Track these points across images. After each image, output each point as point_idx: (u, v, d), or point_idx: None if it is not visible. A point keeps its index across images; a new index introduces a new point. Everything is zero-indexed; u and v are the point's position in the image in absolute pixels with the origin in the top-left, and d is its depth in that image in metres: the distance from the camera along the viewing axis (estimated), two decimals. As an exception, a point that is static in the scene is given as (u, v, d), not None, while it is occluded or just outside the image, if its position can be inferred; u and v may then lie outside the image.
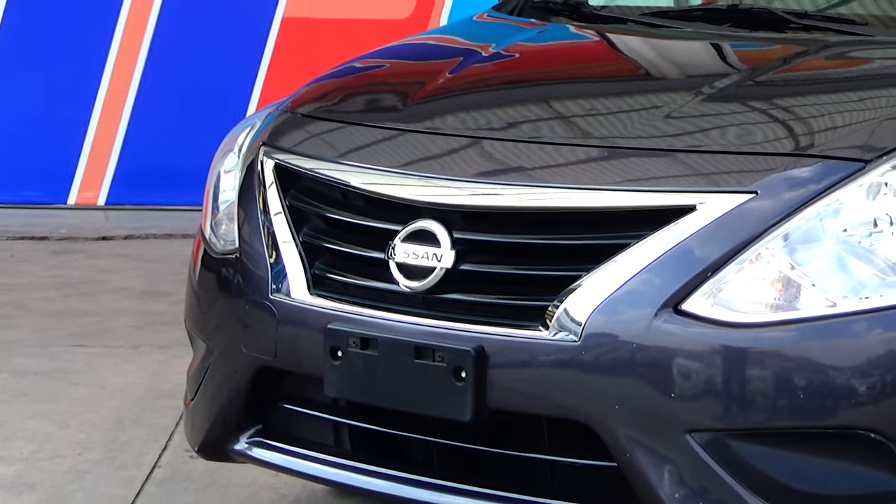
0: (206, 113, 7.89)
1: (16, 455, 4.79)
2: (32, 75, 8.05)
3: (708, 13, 4.75)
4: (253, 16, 8.05)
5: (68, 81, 8.06)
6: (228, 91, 8.04)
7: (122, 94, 8.06)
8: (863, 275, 3.38)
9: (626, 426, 3.37)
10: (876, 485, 3.37)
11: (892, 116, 3.65)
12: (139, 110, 8.07)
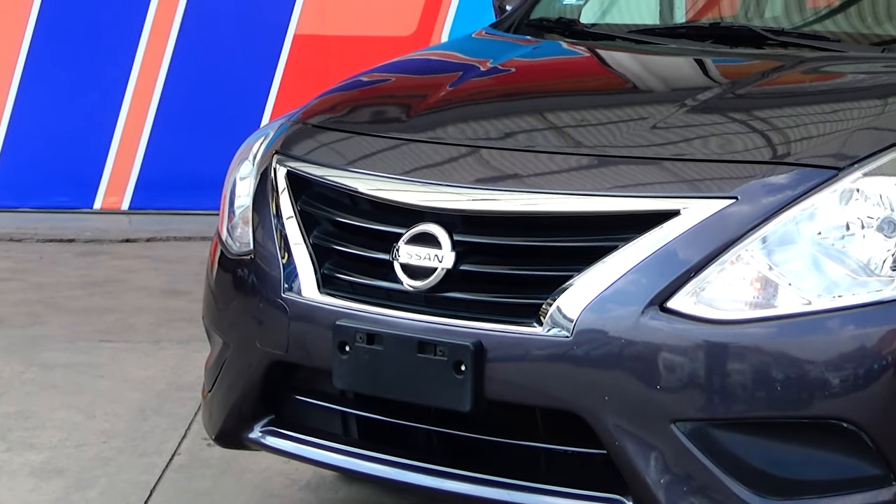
0: (222, 123, 7.89)
1: (45, 443, 4.79)
2: (61, 90, 8.04)
3: (691, 30, 4.74)
4: (267, 33, 8.05)
5: (95, 95, 8.05)
6: (244, 103, 8.04)
7: (144, 106, 8.06)
8: (836, 275, 3.37)
9: (614, 416, 3.37)
10: (848, 471, 3.37)
11: (864, 127, 3.66)
12: (160, 121, 8.07)
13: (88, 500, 4.35)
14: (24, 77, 8.03)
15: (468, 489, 3.55)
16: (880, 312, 3.35)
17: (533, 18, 4.79)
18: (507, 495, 3.51)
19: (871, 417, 3.33)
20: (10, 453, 4.70)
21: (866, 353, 3.33)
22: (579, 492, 3.45)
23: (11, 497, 4.36)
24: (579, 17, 4.83)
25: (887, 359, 3.33)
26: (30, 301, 6.48)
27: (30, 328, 6.08)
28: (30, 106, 8.04)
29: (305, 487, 4.42)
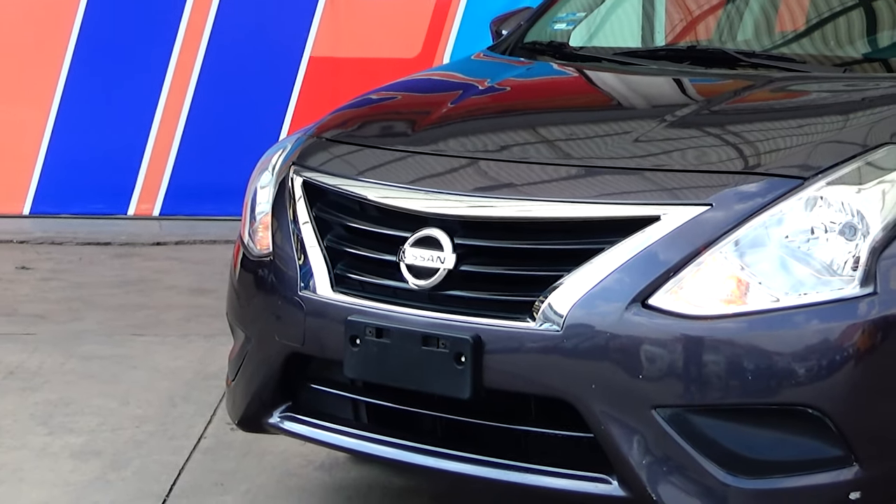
0: (244, 137, 7.89)
1: (84, 427, 4.79)
2: (98, 107, 8.04)
3: (670, 52, 4.74)
4: (285, 55, 8.05)
5: (129, 112, 8.05)
6: (264, 118, 8.04)
7: (173, 121, 8.06)
8: (802, 274, 3.37)
9: (601, 403, 3.36)
10: (813, 452, 3.37)
11: (827, 140, 3.66)
12: (188, 135, 8.07)
13: (123, 479, 4.35)
14: (65, 95, 8.03)
15: (468, 469, 3.56)
16: (842, 309, 3.35)
17: (526, 42, 4.79)
18: (503, 475, 3.51)
19: (833, 404, 3.33)
20: (51, 437, 4.70)
21: (829, 345, 3.33)
22: (569, 472, 3.45)
23: (54, 477, 4.36)
24: (568, 40, 4.83)
25: (848, 351, 3.34)
26: (70, 298, 6.48)
27: (70, 323, 6.08)
28: (70, 122, 8.05)
29: (320, 468, 4.42)
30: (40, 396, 5.10)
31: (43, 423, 4.83)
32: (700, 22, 5.12)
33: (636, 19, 5.26)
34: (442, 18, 8.03)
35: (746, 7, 4.98)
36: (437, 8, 8.02)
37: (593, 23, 4.96)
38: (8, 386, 5.22)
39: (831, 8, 4.73)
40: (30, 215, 8.07)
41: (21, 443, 4.65)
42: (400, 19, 8.02)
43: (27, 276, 6.94)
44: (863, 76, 4.24)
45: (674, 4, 5.22)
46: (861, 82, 4.17)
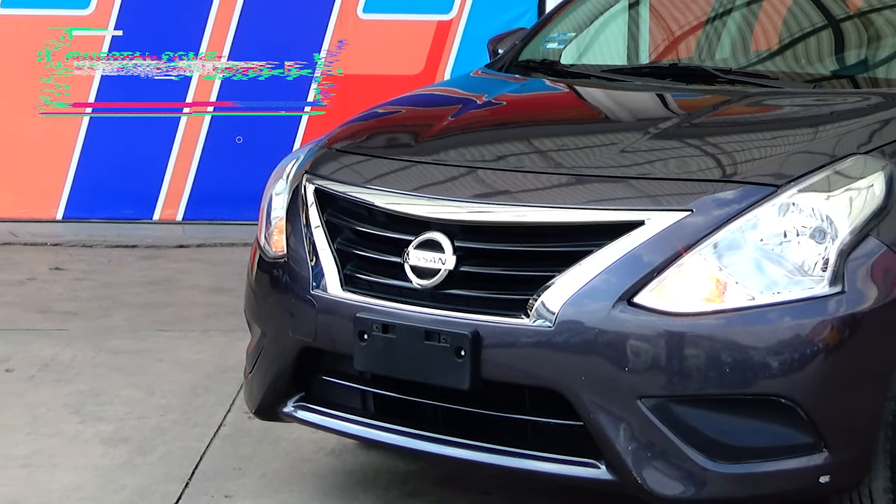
0: (260, 148, 7.89)
1: (112, 416, 4.78)
2: (126, 121, 8.05)
3: (654, 70, 4.74)
4: (297, 73, 8.05)
5: (154, 125, 8.06)
6: (279, 130, 8.04)
7: (195, 134, 8.05)
8: (775, 275, 3.37)
9: (590, 393, 3.36)
10: (786, 439, 3.37)
11: (798, 151, 3.66)
12: (209, 146, 8.06)
13: (149, 463, 4.35)
14: (96, 109, 8.03)
15: (467, 455, 3.55)
16: (812, 306, 3.35)
17: (521, 60, 4.79)
18: (499, 460, 3.52)
19: (804, 394, 3.34)
20: (83, 425, 4.70)
21: (801, 340, 3.33)
22: (560, 457, 3.45)
23: (85, 461, 4.36)
24: (560, 58, 4.83)
25: (818, 345, 3.34)
26: (99, 297, 6.48)
27: (100, 320, 6.08)
28: (99, 134, 8.05)
29: (331, 453, 4.42)
30: (72, 387, 5.10)
31: (75, 412, 4.83)
32: (681, 42, 5.12)
33: (622, 39, 5.26)
34: (443, 38, 8.03)
35: (724, 28, 4.98)
36: (438, 28, 8.03)
37: (582, 42, 4.96)
38: (43, 378, 5.22)
39: (802, 29, 4.73)
40: (63, 220, 8.07)
41: (55, 430, 4.65)
42: (404, 39, 8.02)
43: (60, 276, 6.93)
44: (831, 92, 4.24)
45: (657, 25, 5.22)
46: (829, 97, 4.17)
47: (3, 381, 5.19)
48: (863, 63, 4.46)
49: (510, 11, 7.89)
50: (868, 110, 3.91)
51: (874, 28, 4.65)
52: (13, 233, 7.75)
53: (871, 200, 3.49)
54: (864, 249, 3.42)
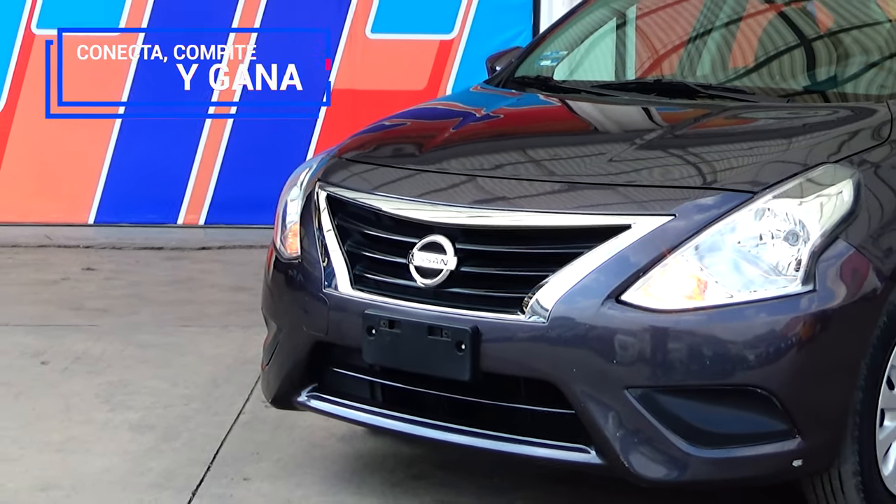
0: (276, 157, 7.89)
1: (139, 405, 4.78)
2: (152, 133, 8.05)
3: (639, 85, 4.74)
4: (310, 89, 8.05)
5: (178, 137, 8.06)
6: (293, 141, 8.04)
7: (216, 145, 8.05)
8: (752, 274, 3.37)
9: (581, 384, 3.36)
10: (762, 427, 3.37)
11: (773, 160, 3.65)
12: (229, 156, 8.06)
13: (174, 449, 4.34)
14: (124, 122, 8.04)
15: (467, 441, 3.55)
16: (786, 304, 3.35)
17: (517, 76, 4.78)
18: (497, 445, 3.52)
19: (779, 385, 3.33)
20: (113, 413, 4.70)
21: (775, 335, 3.33)
22: (553, 443, 3.45)
23: (115, 447, 4.36)
24: (553, 75, 4.83)
25: (792, 339, 3.34)
26: (128, 295, 6.48)
27: (128, 316, 6.08)
28: (128, 144, 8.05)
29: (341, 439, 4.41)
30: (103, 378, 5.10)
31: (105, 402, 4.83)
32: (665, 59, 5.12)
33: (610, 57, 5.26)
34: (445, 56, 8.04)
35: (704, 46, 4.98)
36: (440, 47, 8.03)
37: (574, 60, 4.96)
38: (76, 370, 5.22)
39: (776, 47, 4.73)
40: (94, 224, 8.07)
41: (87, 418, 4.65)
42: (409, 57, 8.03)
43: (92, 276, 6.93)
44: (803, 105, 4.23)
45: (642, 44, 5.22)
46: (802, 111, 4.16)
47: (38, 372, 5.18)
48: (832, 79, 4.45)
49: (507, 31, 7.90)
50: (837, 123, 3.90)
51: (843, 47, 4.65)
52: (48, 236, 7.75)
53: (841, 206, 3.49)
54: (833, 251, 3.42)
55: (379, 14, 8.01)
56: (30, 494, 3.96)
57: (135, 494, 3.96)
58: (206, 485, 4.04)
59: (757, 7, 4.99)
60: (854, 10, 4.78)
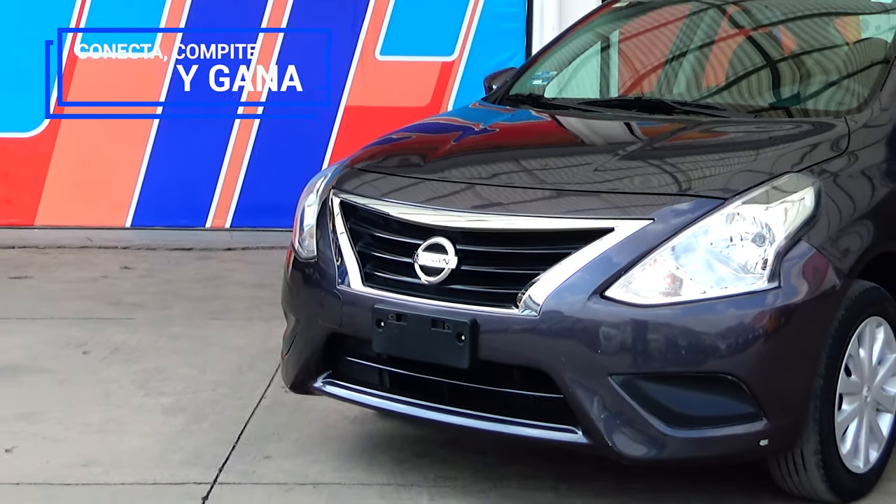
0: (295, 167, 7.89)
1: (171, 390, 4.78)
2: (183, 145, 8.05)
3: (622, 102, 4.74)
4: (325, 105, 8.06)
5: (206, 148, 8.06)
6: (310, 153, 8.04)
7: (241, 155, 8.05)
8: (723, 273, 3.37)
9: (569, 371, 3.36)
10: (732, 409, 3.37)
11: (742, 169, 3.65)
12: (252, 166, 8.06)
13: (202, 429, 4.34)
14: (157, 136, 8.04)
15: (466, 422, 3.55)
16: (754, 299, 3.35)
17: (511, 94, 4.79)
18: (493, 427, 3.51)
19: (747, 372, 3.33)
20: (147, 397, 4.70)
21: (744, 327, 3.33)
22: (544, 424, 3.45)
23: (149, 428, 4.36)
24: (544, 93, 4.83)
25: (759, 331, 3.34)
26: (161, 292, 6.48)
27: (162, 310, 6.08)
28: (161, 156, 8.05)
29: (353, 421, 4.41)
30: (139, 366, 5.10)
31: (141, 387, 4.83)
32: (644, 79, 5.12)
33: (595, 77, 5.26)
34: (446, 76, 8.04)
35: (680, 67, 4.98)
36: (442, 68, 8.03)
37: (563, 79, 4.96)
38: (114, 358, 5.22)
39: (745, 68, 4.72)
40: (130, 227, 8.07)
41: (124, 402, 4.65)
42: (414, 77, 8.03)
43: (129, 274, 6.94)
44: (769, 120, 4.23)
45: (624, 65, 5.22)
46: (768, 125, 4.16)
47: (80, 361, 5.19)
48: (795, 97, 4.45)
49: (502, 54, 7.91)
50: (800, 136, 3.90)
51: (805, 68, 4.65)
52: (90, 238, 7.76)
53: (803, 211, 3.49)
54: (797, 251, 3.42)
55: (387, 38, 8.02)
56: (72, 470, 3.96)
57: (167, 471, 3.96)
58: (231, 462, 4.04)
59: (727, 31, 4.99)
60: (815, 34, 4.78)
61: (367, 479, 3.90)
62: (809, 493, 3.65)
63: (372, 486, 3.84)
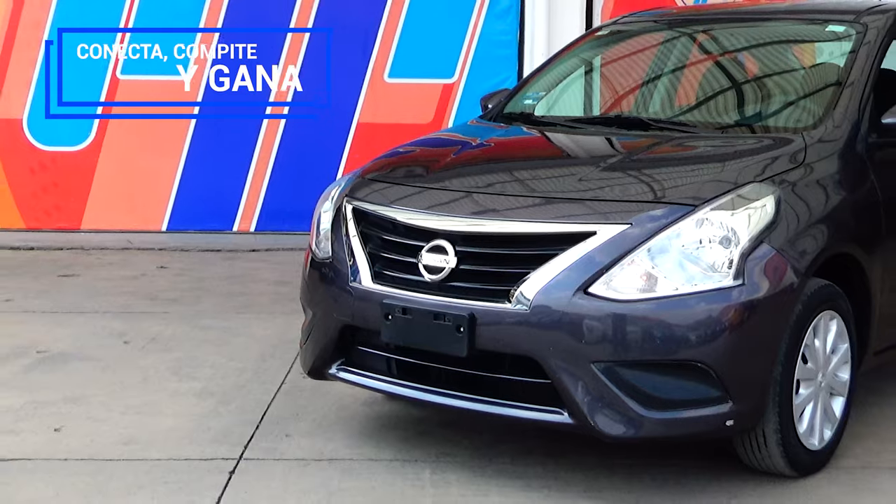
0: (312, 177, 7.89)
1: (201, 376, 4.78)
2: (213, 158, 8.06)
3: (603, 119, 4.73)
4: (341, 122, 8.06)
5: (233, 160, 8.06)
6: (326, 164, 8.04)
7: (264, 166, 8.05)
8: (693, 271, 3.37)
9: (556, 359, 3.36)
10: (701, 393, 3.37)
11: (710, 179, 3.64)
12: (274, 176, 8.06)
13: (230, 411, 4.34)
14: (190, 149, 8.04)
15: (464, 405, 3.55)
16: (721, 295, 3.35)
17: (505, 112, 4.78)
18: (488, 408, 3.51)
19: (715, 360, 3.33)
20: (180, 383, 4.70)
21: (712, 320, 3.33)
22: (534, 406, 3.45)
23: (182, 409, 4.36)
24: (534, 111, 4.83)
25: (725, 324, 3.33)
26: (193, 288, 6.48)
27: (194, 305, 6.08)
28: (193, 167, 8.05)
29: (364, 403, 4.41)
30: (173, 355, 5.10)
31: (175, 373, 4.83)
32: (623, 99, 5.12)
33: (580, 97, 5.25)
34: (447, 96, 8.04)
35: (655, 89, 4.98)
36: (444, 89, 8.03)
37: (551, 99, 4.96)
38: (151, 348, 5.22)
39: (713, 90, 4.72)
40: (166, 231, 8.07)
41: (160, 387, 4.65)
42: (418, 97, 8.03)
43: (164, 273, 6.94)
44: (734, 136, 4.23)
45: (606, 87, 5.22)
46: (733, 140, 4.15)
47: (122, 350, 5.19)
48: (758, 115, 4.45)
49: (497, 76, 7.92)
50: (762, 150, 3.90)
51: (766, 89, 4.65)
52: (130, 241, 7.77)
53: (765, 216, 3.48)
54: (759, 253, 3.42)
55: (394, 62, 8.02)
56: (114, 447, 3.96)
57: (198, 448, 3.96)
58: (256, 440, 4.04)
59: (698, 57, 4.99)
60: (775, 59, 4.78)
61: (376, 455, 3.90)
62: (770, 468, 3.65)
63: (380, 462, 3.84)
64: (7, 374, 4.78)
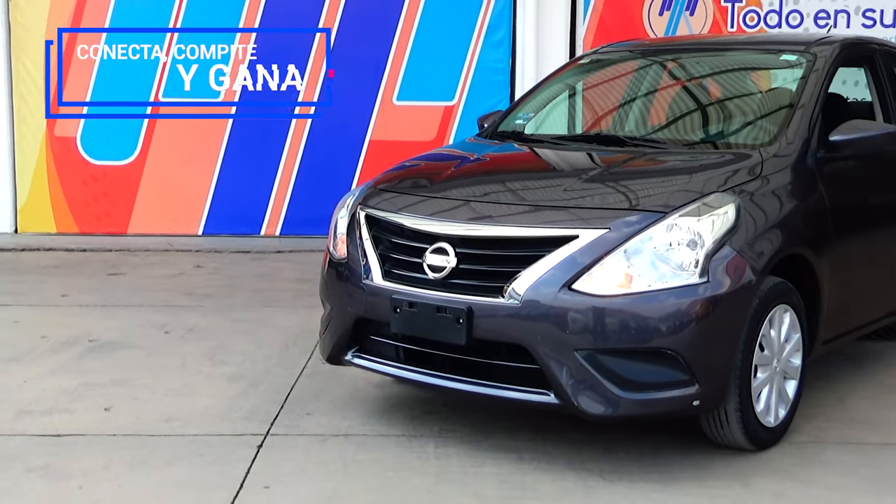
0: (329, 187, 7.90)
1: (232, 362, 4.78)
2: (243, 169, 8.06)
3: (585, 137, 4.73)
4: (354, 139, 8.07)
5: (261, 172, 8.07)
6: (341, 176, 8.05)
7: (288, 178, 8.07)
8: (664, 270, 3.37)
9: (544, 347, 3.36)
10: (670, 377, 3.37)
11: (679, 189, 3.64)
12: (297, 186, 8.08)
13: (258, 393, 4.34)
14: (224, 161, 8.05)
15: (463, 387, 3.55)
16: (688, 291, 3.35)
17: (499, 131, 4.78)
18: (484, 390, 3.51)
19: (683, 348, 3.33)
20: (214, 368, 4.70)
21: (681, 313, 3.33)
22: (524, 389, 3.45)
23: (216, 391, 4.36)
24: (524, 130, 4.83)
25: (692, 316, 3.34)
26: (226, 285, 6.48)
27: (226, 300, 6.08)
28: (226, 177, 8.07)
29: (376, 385, 4.41)
30: (208, 343, 5.09)
31: (209, 359, 4.82)
32: (602, 119, 5.12)
33: (564, 117, 5.25)
34: (448, 117, 8.05)
35: (630, 110, 4.98)
36: (445, 111, 8.04)
37: (539, 119, 4.95)
38: (188, 337, 5.22)
39: (681, 111, 4.72)
40: (202, 235, 8.09)
41: (197, 371, 4.65)
42: (423, 117, 8.04)
43: (200, 271, 6.94)
44: (700, 151, 4.22)
45: (587, 108, 5.22)
46: (699, 155, 4.15)
47: (163, 339, 5.18)
48: (720, 133, 4.45)
49: (491, 99, 7.94)
50: (724, 164, 3.90)
51: (727, 110, 4.65)
52: (170, 243, 7.77)
53: (727, 222, 3.49)
54: (721, 254, 3.42)
55: (402, 87, 8.04)
56: (157, 424, 3.96)
57: (230, 424, 3.96)
58: (281, 418, 4.04)
59: (667, 82, 4.99)
60: (736, 84, 4.79)
61: (387, 431, 3.90)
62: (731, 442, 3.65)
63: (390, 437, 3.84)
64: (63, 360, 4.79)
